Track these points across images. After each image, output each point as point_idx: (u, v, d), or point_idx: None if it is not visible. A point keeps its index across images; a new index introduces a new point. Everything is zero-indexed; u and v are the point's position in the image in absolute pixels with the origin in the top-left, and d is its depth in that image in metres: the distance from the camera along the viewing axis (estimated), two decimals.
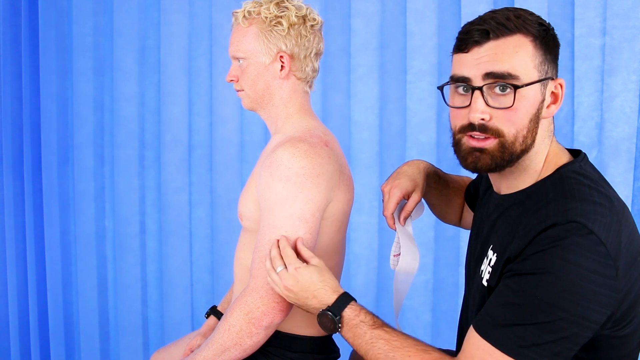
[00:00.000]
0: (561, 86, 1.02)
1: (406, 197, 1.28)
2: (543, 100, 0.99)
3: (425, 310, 2.10)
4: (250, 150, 2.26)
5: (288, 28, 1.27)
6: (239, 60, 1.31)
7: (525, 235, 0.94)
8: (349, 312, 1.08)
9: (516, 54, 0.98)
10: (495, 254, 1.02)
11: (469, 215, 1.44)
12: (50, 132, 2.43)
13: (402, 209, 1.30)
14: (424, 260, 2.09)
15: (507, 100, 0.97)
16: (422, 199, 1.34)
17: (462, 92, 1.01)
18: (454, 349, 1.25)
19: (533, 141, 1.00)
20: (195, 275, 2.40)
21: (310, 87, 1.35)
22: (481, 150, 1.00)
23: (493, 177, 1.10)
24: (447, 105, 1.05)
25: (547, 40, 1.00)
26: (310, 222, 1.18)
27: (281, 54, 1.28)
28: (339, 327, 1.08)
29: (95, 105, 2.43)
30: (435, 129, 2.05)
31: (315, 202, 1.19)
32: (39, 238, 2.48)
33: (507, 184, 1.06)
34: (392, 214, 1.28)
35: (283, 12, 1.27)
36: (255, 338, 1.17)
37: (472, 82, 0.99)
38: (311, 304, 1.11)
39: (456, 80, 1.01)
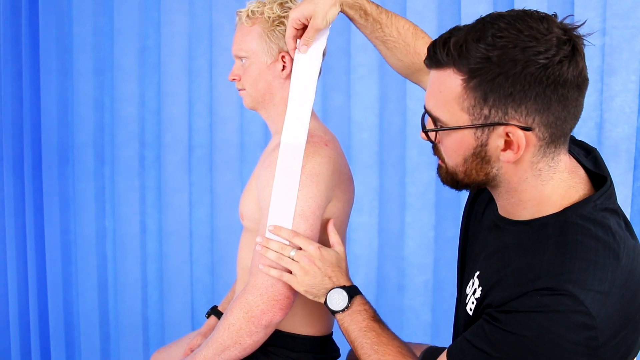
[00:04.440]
0: (525, 136, 0.85)
1: (306, 21, 1.18)
2: (484, 145, 0.88)
3: (425, 310, 2.10)
4: (250, 151, 2.26)
5: None
6: (242, 60, 1.32)
7: (512, 286, 0.88)
8: (359, 298, 1.15)
9: (439, 94, 0.89)
10: (480, 288, 0.96)
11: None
12: (50, 132, 2.43)
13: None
14: (424, 261, 2.09)
15: (437, 134, 0.93)
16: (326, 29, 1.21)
17: None
18: None
19: (488, 178, 0.92)
20: (195, 275, 2.40)
21: None
22: (439, 166, 0.98)
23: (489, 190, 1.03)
24: None
25: (492, 81, 0.83)
26: (310, 220, 1.19)
27: (283, 53, 1.28)
28: (345, 309, 1.13)
29: (95, 105, 2.44)
30: None
31: (315, 201, 1.19)
32: (39, 238, 2.48)
33: (502, 207, 0.98)
34: (291, 39, 1.21)
35: (286, 12, 1.27)
36: (255, 337, 1.17)
37: None
38: (324, 284, 1.15)
39: None
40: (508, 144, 0.87)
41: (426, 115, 0.94)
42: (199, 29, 2.29)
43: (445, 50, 0.86)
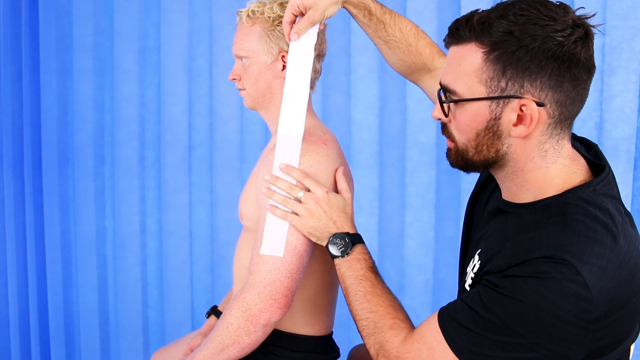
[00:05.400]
0: (537, 110, 0.89)
1: (305, 10, 1.18)
2: (497, 118, 0.91)
3: (425, 310, 2.10)
4: (250, 150, 2.26)
5: None
6: (242, 59, 1.32)
7: (512, 254, 0.90)
8: (360, 247, 1.16)
9: (459, 67, 0.92)
10: (480, 262, 0.99)
11: (430, 83, 1.30)
12: (50, 132, 2.43)
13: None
14: (424, 261, 2.09)
15: (450, 110, 0.96)
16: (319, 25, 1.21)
17: None
18: None
19: (498, 155, 0.94)
20: (195, 275, 2.40)
21: (311, 87, 1.35)
22: (448, 149, 1.01)
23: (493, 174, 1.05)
24: None
25: (512, 54, 0.88)
26: None
27: (283, 53, 1.28)
28: (346, 255, 1.14)
29: (95, 105, 2.44)
30: (435, 129, 2.05)
31: None
32: (39, 238, 2.48)
33: (506, 189, 1.01)
34: (288, 24, 1.19)
35: None
36: (253, 336, 1.17)
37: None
38: (328, 228, 1.15)
39: None
40: (520, 119, 0.91)
41: (441, 91, 0.97)
42: (199, 29, 2.29)
43: (468, 27, 0.91)
